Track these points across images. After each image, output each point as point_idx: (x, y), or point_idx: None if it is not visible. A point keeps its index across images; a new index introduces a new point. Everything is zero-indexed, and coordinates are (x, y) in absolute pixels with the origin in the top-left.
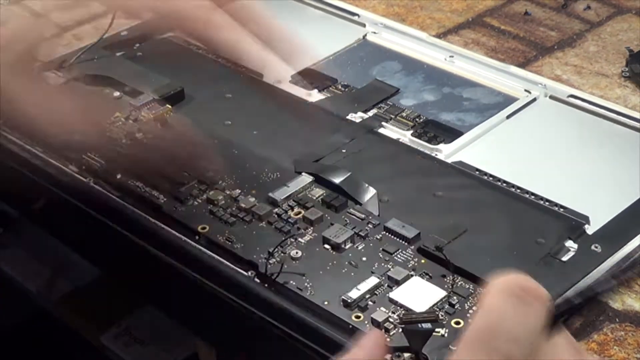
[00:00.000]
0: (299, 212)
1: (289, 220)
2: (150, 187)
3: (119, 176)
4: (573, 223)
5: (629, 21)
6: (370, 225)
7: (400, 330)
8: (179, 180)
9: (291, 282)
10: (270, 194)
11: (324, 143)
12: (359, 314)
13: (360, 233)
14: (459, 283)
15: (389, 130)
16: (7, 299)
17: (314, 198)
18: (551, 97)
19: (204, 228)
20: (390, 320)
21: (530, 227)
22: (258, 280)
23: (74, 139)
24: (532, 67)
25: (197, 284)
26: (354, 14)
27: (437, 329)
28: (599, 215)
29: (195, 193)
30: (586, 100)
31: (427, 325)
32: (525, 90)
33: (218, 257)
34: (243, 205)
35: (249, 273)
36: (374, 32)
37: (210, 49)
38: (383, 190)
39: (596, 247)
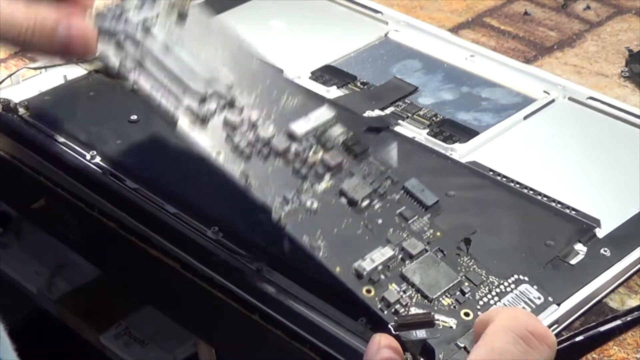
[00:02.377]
0: (318, 152)
1: (308, 160)
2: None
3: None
4: (584, 226)
5: (629, 21)
6: (389, 181)
7: (394, 327)
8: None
9: (304, 236)
10: (290, 126)
11: None
12: (370, 288)
13: (379, 190)
14: (473, 267)
15: (405, 129)
16: (7, 299)
17: (335, 137)
18: (570, 99)
19: (219, 153)
20: (402, 302)
21: (541, 229)
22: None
23: None
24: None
25: (197, 284)
26: (377, 12)
27: (430, 338)
28: (611, 219)
29: (213, 109)
30: (606, 102)
31: (422, 334)
32: (544, 92)
33: (225, 250)
34: (262, 134)
35: None
36: (396, 30)
37: None
38: None
39: (605, 251)
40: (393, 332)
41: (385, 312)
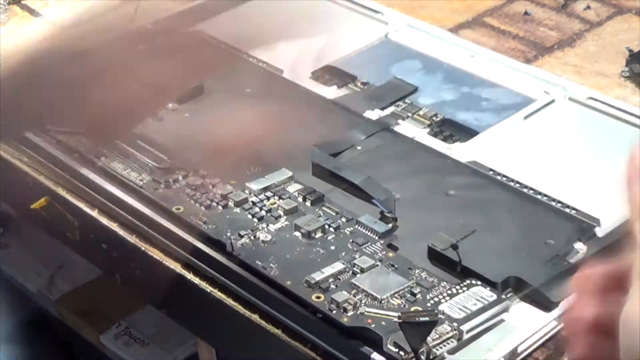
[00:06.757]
0: (274, 202)
1: (264, 207)
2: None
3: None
4: (584, 225)
5: (629, 21)
6: (343, 219)
7: (398, 322)
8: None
9: (257, 261)
10: (247, 184)
11: (341, 139)
12: (320, 295)
13: (333, 225)
14: (424, 276)
15: (405, 129)
16: (7, 299)
17: (291, 192)
18: (570, 99)
19: (178, 209)
20: (350, 302)
21: (541, 228)
22: None
23: None
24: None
25: (197, 284)
26: (377, 12)
27: (436, 326)
28: (611, 218)
29: (175, 178)
30: (606, 102)
31: (425, 319)
32: (545, 92)
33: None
34: (220, 191)
35: None
36: (397, 31)
37: None
38: (396, 188)
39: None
40: (397, 320)
41: (335, 311)
